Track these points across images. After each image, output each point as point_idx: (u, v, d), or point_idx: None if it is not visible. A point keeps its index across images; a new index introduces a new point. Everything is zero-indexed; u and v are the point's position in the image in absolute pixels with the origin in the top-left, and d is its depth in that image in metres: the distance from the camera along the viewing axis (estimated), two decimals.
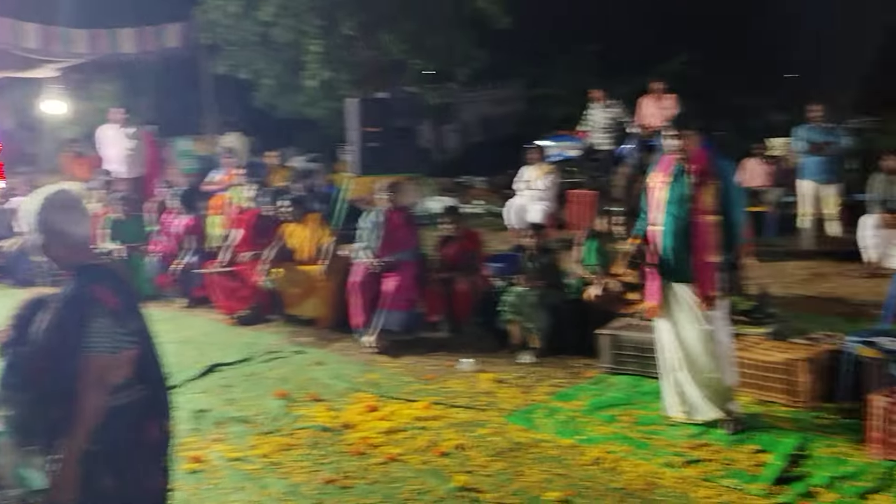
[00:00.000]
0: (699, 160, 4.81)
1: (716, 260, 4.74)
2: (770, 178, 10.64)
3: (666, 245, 4.87)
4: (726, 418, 4.87)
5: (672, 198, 4.83)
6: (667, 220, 4.86)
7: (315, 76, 13.43)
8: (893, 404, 4.36)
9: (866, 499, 4.00)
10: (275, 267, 7.60)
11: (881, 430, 4.39)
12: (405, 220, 7.33)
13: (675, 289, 4.89)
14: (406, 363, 6.50)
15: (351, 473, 4.53)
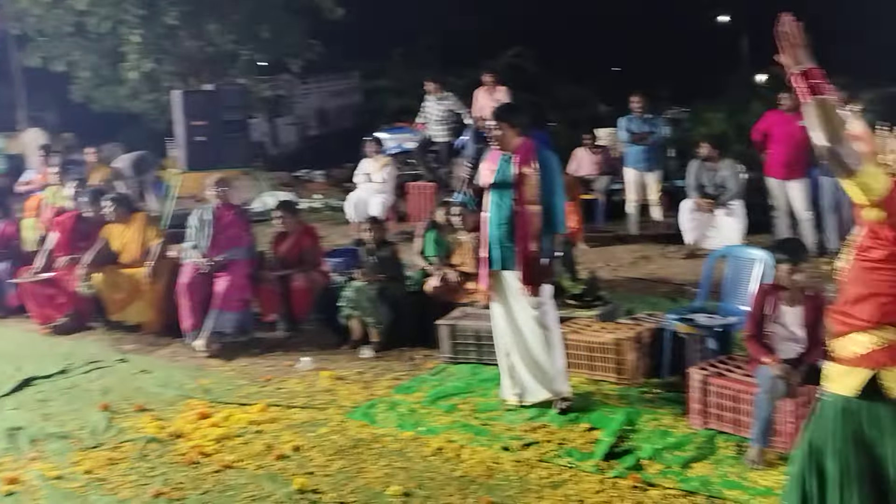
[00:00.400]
0: (521, 151, 4.91)
1: (538, 248, 4.88)
2: (598, 167, 11.07)
3: (492, 233, 4.98)
4: (557, 399, 5.01)
5: (496, 187, 4.94)
6: (492, 210, 4.97)
7: (136, 68, 12.78)
8: (709, 377, 4.61)
9: (689, 467, 4.20)
10: (96, 270, 7.14)
11: (699, 401, 4.64)
12: (236, 217, 7.06)
13: (504, 276, 5.00)
14: (240, 366, 6.27)
15: (182, 484, 4.31)
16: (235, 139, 10.04)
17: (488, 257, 5.01)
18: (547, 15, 25.41)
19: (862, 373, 2.46)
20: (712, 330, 5.19)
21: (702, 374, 4.65)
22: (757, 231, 8.93)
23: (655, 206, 10.10)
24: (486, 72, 11.64)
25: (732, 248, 6.04)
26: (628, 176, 10.17)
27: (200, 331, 6.59)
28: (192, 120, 9.83)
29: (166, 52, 13.17)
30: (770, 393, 4.17)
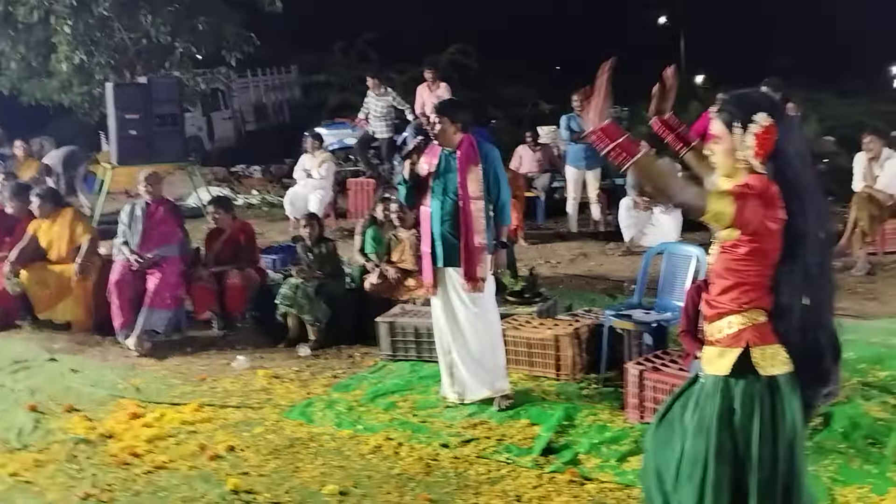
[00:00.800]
0: (463, 146, 4.90)
1: (482, 243, 4.87)
2: (539, 165, 11.13)
3: (434, 229, 4.94)
4: (498, 397, 5.00)
5: (439, 183, 4.91)
6: (434, 205, 4.93)
7: (67, 59, 12.39)
8: (645, 371, 4.65)
9: (626, 461, 4.23)
10: (23, 267, 6.89)
11: (635, 395, 4.68)
12: (169, 213, 6.89)
13: (447, 272, 4.97)
14: (173, 365, 6.13)
15: (112, 486, 4.19)
16: (169, 133, 9.82)
17: (431, 253, 4.97)
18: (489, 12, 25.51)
19: (733, 352, 2.60)
20: (649, 326, 5.24)
21: (638, 369, 4.69)
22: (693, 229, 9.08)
23: (595, 204, 10.20)
24: (427, 68, 11.60)
25: (669, 244, 6.11)
26: (569, 174, 10.25)
27: (132, 329, 6.42)
28: (124, 113, 9.60)
29: (98, 43, 12.81)
30: None
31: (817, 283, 2.58)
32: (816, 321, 2.62)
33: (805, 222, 2.53)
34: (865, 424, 4.45)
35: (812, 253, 2.55)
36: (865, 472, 3.97)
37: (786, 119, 2.60)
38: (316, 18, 21.80)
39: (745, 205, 2.46)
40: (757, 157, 2.56)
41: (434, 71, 11.72)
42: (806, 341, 2.61)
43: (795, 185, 2.54)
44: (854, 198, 7.93)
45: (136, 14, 12.63)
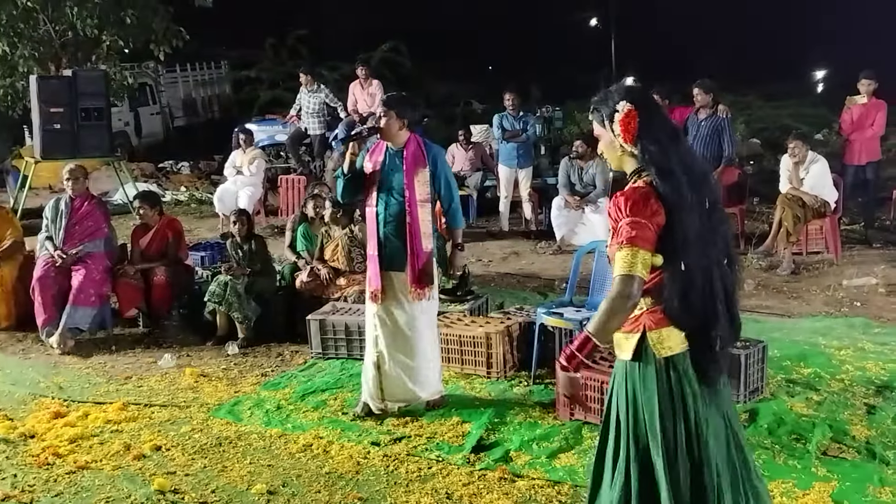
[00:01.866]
0: (410, 146, 4.70)
1: (429, 248, 4.72)
2: (471, 164, 11.20)
3: (380, 232, 4.73)
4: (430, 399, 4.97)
5: (384, 183, 4.69)
6: (379, 207, 4.71)
7: None
8: None
9: (556, 458, 4.28)
10: None
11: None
12: (94, 208, 6.73)
13: (390, 276, 4.75)
14: (97, 363, 6.00)
15: (33, 487, 4.09)
16: (95, 128, 9.59)
17: (378, 255, 4.74)
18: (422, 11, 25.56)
19: (634, 337, 2.74)
20: (580, 323, 5.29)
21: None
22: None
23: (526, 203, 10.31)
24: (360, 65, 11.58)
25: (600, 243, 6.18)
26: (501, 173, 10.34)
27: (55, 327, 6.25)
28: (48, 107, 9.35)
29: (22, 35, 12.41)
30: None
31: (698, 249, 2.64)
32: (706, 294, 2.67)
33: (678, 196, 2.63)
34: (790, 420, 4.58)
35: (689, 222, 2.62)
36: (790, 468, 4.08)
37: (647, 103, 2.76)
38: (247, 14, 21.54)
39: (639, 238, 2.59)
40: (626, 141, 2.72)
41: (366, 68, 11.73)
42: (697, 315, 2.67)
43: (662, 161, 2.67)
44: (779, 199, 8.18)
45: (61, 5, 12.29)
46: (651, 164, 2.68)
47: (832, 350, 5.71)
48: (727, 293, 2.73)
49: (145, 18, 12.89)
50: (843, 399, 4.89)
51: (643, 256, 2.59)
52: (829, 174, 8.22)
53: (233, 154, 10.70)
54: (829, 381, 5.17)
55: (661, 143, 2.69)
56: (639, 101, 2.73)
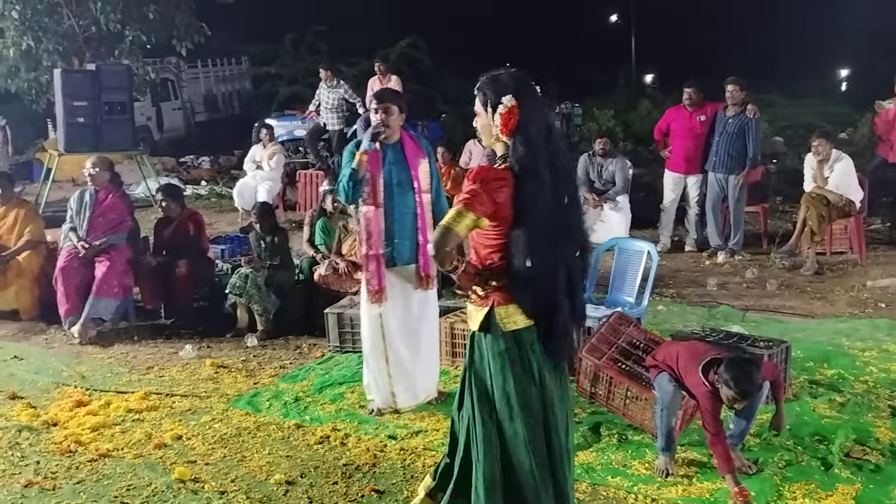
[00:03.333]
0: (408, 140, 4.71)
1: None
2: (489, 160, 11.18)
3: (393, 228, 4.66)
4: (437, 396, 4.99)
5: (390, 179, 4.64)
6: (389, 202, 4.66)
7: (14, 45, 12.12)
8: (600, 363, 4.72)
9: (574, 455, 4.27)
10: None
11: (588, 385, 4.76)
12: (118, 201, 6.78)
13: (401, 272, 4.73)
14: (119, 353, 6.06)
15: (55, 474, 4.13)
16: (118, 122, 9.69)
17: (389, 253, 4.65)
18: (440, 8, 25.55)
19: (482, 311, 3.00)
20: (598, 320, 5.29)
21: (592, 360, 4.74)
22: (642, 226, 9.24)
23: None
24: (378, 60, 11.61)
25: (619, 240, 6.18)
26: None
27: (78, 317, 6.32)
28: (72, 100, 9.46)
29: (47, 29, 12.57)
30: (669, 408, 4.13)
31: (548, 242, 2.88)
32: (548, 280, 2.91)
33: (534, 192, 2.86)
34: (813, 422, 4.56)
35: (540, 218, 2.86)
36: (813, 469, 4.06)
37: (531, 100, 2.95)
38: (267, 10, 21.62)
39: (474, 202, 2.85)
40: (502, 133, 2.93)
41: (384, 64, 11.74)
42: (538, 298, 2.92)
43: (528, 160, 2.88)
44: (803, 198, 8.12)
45: (85, 1, 12.41)
46: (517, 160, 2.90)
47: (856, 351, 5.67)
48: (572, 284, 2.99)
49: (168, 14, 13.01)
50: (866, 401, 4.85)
51: (470, 218, 2.86)
52: (854, 173, 8.14)
53: (252, 149, 10.76)
54: (852, 383, 5.14)
55: (532, 143, 2.90)
56: (523, 98, 2.92)
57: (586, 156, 9.36)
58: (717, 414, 3.83)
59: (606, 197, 8.97)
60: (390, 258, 4.67)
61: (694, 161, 8.80)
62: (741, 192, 8.51)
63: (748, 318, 6.50)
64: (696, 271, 8.14)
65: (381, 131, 4.58)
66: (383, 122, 4.58)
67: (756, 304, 6.92)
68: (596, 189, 9.09)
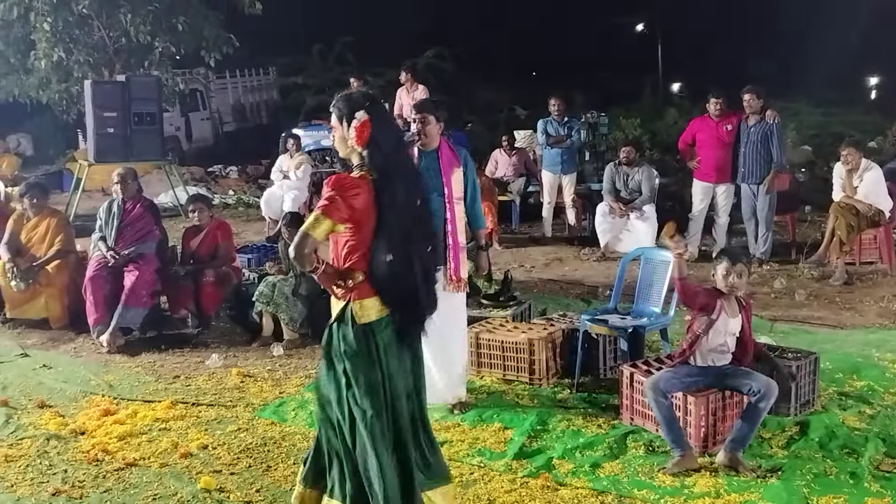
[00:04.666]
0: (444, 147, 4.94)
1: (464, 244, 4.95)
2: (514, 169, 11.19)
3: None
4: (461, 401, 5.01)
5: (432, 185, 4.78)
6: None
7: (46, 56, 12.32)
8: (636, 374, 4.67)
9: (600, 467, 4.23)
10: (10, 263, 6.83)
11: (628, 397, 4.72)
12: (146, 211, 6.86)
13: None
14: (147, 362, 6.11)
15: (83, 483, 4.16)
16: (147, 132, 9.81)
17: None
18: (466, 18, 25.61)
19: (340, 304, 3.29)
20: (625, 331, 5.26)
21: (632, 371, 4.71)
22: None
23: (570, 209, 10.27)
24: (405, 70, 11.60)
25: (646, 249, 6.13)
26: (545, 178, 10.32)
27: (106, 326, 6.38)
28: (102, 111, 9.58)
29: (77, 41, 12.76)
30: (652, 391, 4.21)
31: (404, 243, 3.23)
32: (407, 274, 3.25)
33: (391, 196, 3.20)
34: (842, 434, 4.49)
35: (398, 220, 3.20)
36: (842, 482, 3.99)
37: (381, 115, 3.33)
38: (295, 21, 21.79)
39: (332, 209, 3.14)
40: (357, 144, 3.25)
41: (412, 73, 11.73)
42: (399, 290, 3.25)
43: (384, 167, 3.23)
44: (832, 207, 8.03)
45: (115, 13, 12.60)
46: (373, 167, 3.23)
47: (886, 363, 5.58)
48: (427, 274, 3.36)
49: (197, 25, 13.15)
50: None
51: (327, 224, 3.15)
52: (884, 182, 8.04)
53: (280, 159, 10.82)
54: (882, 395, 5.06)
55: (385, 152, 3.25)
56: (374, 113, 3.26)
57: (612, 165, 9.33)
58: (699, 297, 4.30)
59: (633, 206, 8.93)
60: None
61: (724, 170, 8.74)
62: (769, 198, 8.45)
63: (776, 328, 6.43)
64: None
65: (415, 140, 4.86)
66: (419, 131, 4.86)
67: (784, 315, 6.85)
68: (622, 198, 9.06)
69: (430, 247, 3.47)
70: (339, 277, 3.24)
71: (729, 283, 4.23)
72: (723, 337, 4.30)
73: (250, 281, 7.04)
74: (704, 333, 4.26)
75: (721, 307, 4.26)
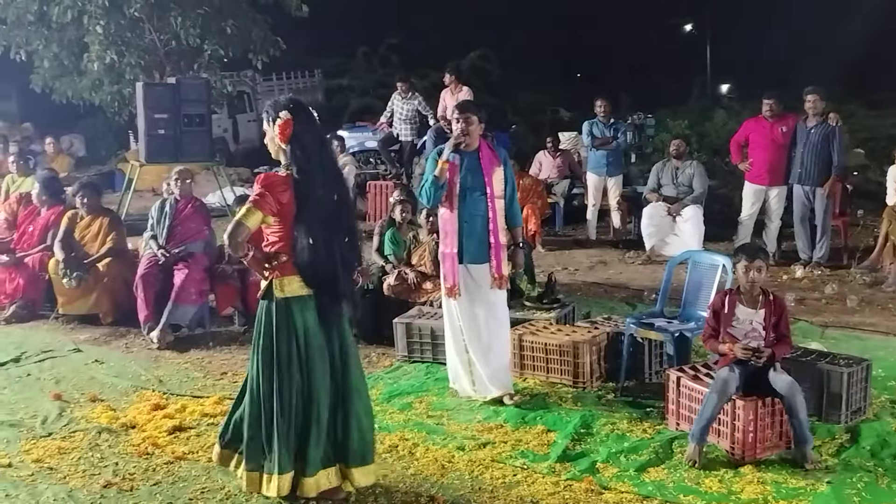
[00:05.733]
0: (484, 147, 5.06)
1: (504, 241, 5.05)
2: (559, 171, 11.14)
3: (462, 228, 5.02)
4: (507, 394, 5.09)
5: (464, 183, 5.00)
6: (461, 205, 5.02)
7: (98, 59, 12.57)
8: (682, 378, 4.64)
9: (645, 471, 4.20)
10: None
11: (675, 402, 4.68)
12: (196, 210, 6.99)
13: (471, 269, 5.06)
14: (195, 358, 6.22)
15: (133, 475, 4.25)
16: (196, 133, 9.93)
17: (458, 252, 5.03)
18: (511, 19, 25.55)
19: (265, 282, 3.72)
20: (671, 335, 5.21)
21: (679, 376, 4.67)
22: (715, 240, 9.08)
23: (615, 212, 10.19)
24: (450, 72, 11.61)
25: (694, 253, 6.06)
26: (590, 180, 10.26)
27: (156, 323, 6.50)
28: (153, 113, 9.72)
29: (129, 44, 12.98)
30: (719, 392, 4.22)
31: (322, 233, 3.63)
32: (325, 258, 3.64)
33: (310, 191, 3.61)
34: (894, 442, 4.42)
35: (315, 212, 3.62)
36: (893, 491, 3.93)
37: (305, 117, 3.69)
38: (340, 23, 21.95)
39: (262, 203, 3.59)
40: (280, 140, 3.65)
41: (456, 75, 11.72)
42: (318, 272, 3.65)
43: (305, 165, 3.63)
44: (886, 211, 7.88)
45: (166, 16, 12.81)
46: (294, 163, 3.63)
47: None
48: (345, 261, 3.74)
49: (245, 28, 13.31)
50: None
51: (258, 215, 3.59)
52: None
53: None
54: None
55: (307, 150, 3.65)
56: (297, 113, 3.65)
57: (660, 163, 9.24)
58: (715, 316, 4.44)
59: (683, 203, 8.79)
60: (460, 256, 5.02)
61: (777, 172, 8.60)
62: (828, 202, 8.31)
63: (827, 335, 6.32)
64: (773, 286, 7.93)
65: (462, 141, 4.99)
66: (463, 131, 4.97)
67: (836, 321, 6.72)
68: (668, 198, 8.94)
69: (348, 238, 3.81)
70: (266, 260, 3.67)
71: (750, 279, 4.35)
72: (748, 325, 4.38)
73: None
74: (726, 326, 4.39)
75: (734, 301, 4.40)
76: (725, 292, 4.55)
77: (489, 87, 18.05)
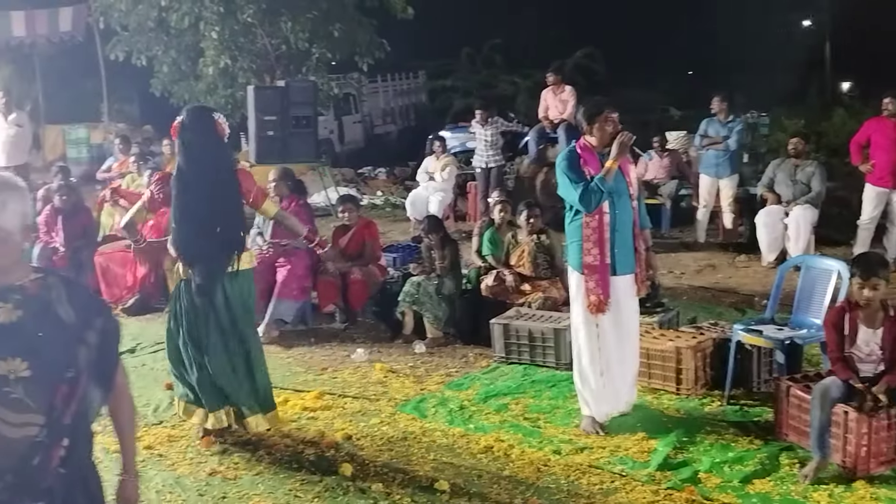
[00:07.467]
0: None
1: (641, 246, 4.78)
2: (666, 171, 10.86)
3: (613, 237, 4.59)
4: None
5: (620, 188, 4.57)
6: (612, 211, 4.58)
7: (213, 63, 13.06)
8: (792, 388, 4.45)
9: (750, 483, 4.05)
10: None
11: (784, 412, 4.49)
12: (300, 209, 7.12)
13: (619, 281, 4.65)
14: (297, 353, 6.35)
15: (237, 465, 4.38)
16: (303, 135, 10.19)
17: (611, 263, 4.59)
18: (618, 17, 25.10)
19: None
20: (781, 343, 4.97)
21: (791, 385, 4.48)
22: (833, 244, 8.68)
23: (727, 214, 9.79)
24: (551, 72, 11.44)
25: (807, 258, 5.79)
26: (701, 181, 9.91)
27: (261, 318, 6.67)
28: (263, 115, 10.02)
29: (242, 48, 13.44)
30: (820, 399, 4.03)
31: (194, 221, 4.43)
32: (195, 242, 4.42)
33: (182, 186, 4.43)
34: None
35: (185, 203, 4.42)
36: None
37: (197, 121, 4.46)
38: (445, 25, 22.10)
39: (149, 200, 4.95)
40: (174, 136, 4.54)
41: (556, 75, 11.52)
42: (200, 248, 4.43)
43: (182, 162, 4.46)
44: None
45: (277, 21, 13.19)
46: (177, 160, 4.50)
47: None
48: (213, 246, 4.42)
49: (351, 32, 13.57)
50: None
51: (143, 211, 4.92)
52: None
53: (426, 160, 10.98)
54: None
55: (185, 150, 4.45)
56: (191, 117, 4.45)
57: (777, 160, 8.88)
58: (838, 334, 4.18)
59: (797, 203, 8.40)
60: (612, 267, 4.62)
61: None
62: None
63: None
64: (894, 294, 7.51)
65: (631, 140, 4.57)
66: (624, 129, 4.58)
67: None
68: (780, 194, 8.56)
69: (219, 227, 4.42)
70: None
71: (865, 298, 4.11)
72: (865, 346, 4.13)
73: (395, 279, 7.19)
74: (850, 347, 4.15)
75: (854, 319, 4.14)
76: (842, 306, 4.27)
77: (595, 85, 17.82)
